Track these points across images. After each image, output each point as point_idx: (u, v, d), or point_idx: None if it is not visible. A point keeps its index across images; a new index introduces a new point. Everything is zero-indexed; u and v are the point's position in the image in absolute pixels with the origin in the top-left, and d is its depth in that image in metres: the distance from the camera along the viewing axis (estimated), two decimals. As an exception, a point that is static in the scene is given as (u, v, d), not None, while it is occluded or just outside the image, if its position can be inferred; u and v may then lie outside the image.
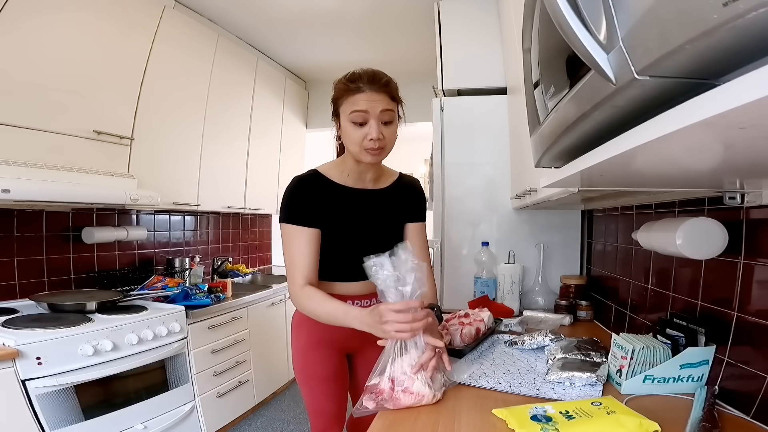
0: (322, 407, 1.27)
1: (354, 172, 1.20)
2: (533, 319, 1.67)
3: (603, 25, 0.42)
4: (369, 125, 1.09)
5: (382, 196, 1.24)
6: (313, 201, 1.15)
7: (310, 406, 1.30)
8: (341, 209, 1.18)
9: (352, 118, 1.09)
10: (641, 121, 0.42)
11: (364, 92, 1.08)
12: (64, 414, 1.46)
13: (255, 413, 2.59)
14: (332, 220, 1.16)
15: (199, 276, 2.72)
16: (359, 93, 1.08)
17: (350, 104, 1.09)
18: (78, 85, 1.85)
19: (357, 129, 1.10)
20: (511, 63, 1.73)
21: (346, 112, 1.10)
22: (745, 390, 0.87)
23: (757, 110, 0.29)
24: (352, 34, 3.07)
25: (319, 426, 1.28)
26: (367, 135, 1.09)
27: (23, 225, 1.91)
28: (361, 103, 1.08)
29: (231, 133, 2.89)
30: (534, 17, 0.73)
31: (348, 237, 1.19)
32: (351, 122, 1.10)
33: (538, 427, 0.78)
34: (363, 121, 1.09)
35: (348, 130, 1.11)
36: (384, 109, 1.09)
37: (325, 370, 1.25)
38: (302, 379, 1.28)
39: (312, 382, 1.26)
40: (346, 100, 1.11)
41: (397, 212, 1.27)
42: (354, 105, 1.08)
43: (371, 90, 1.08)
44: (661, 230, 1.01)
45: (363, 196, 1.21)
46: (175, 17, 2.37)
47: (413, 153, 6.18)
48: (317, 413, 1.28)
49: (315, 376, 1.25)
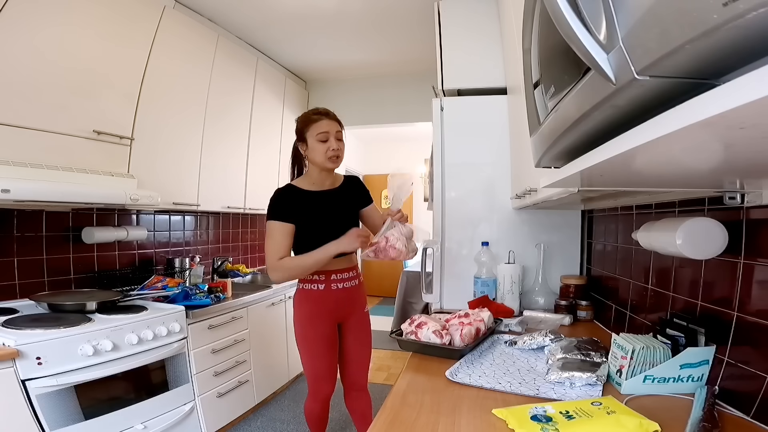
0: (317, 368, 1.68)
1: (317, 180, 1.68)
2: (533, 319, 1.67)
3: (603, 25, 0.42)
4: (330, 141, 1.60)
5: (339, 193, 1.72)
6: (289, 204, 1.60)
7: (307, 368, 1.71)
8: (312, 207, 1.63)
9: (319, 137, 1.59)
10: (641, 121, 0.42)
11: (324, 120, 1.61)
12: (64, 414, 1.46)
13: (255, 413, 2.59)
14: (307, 215, 1.61)
15: (199, 276, 2.72)
16: (321, 120, 1.60)
17: (316, 128, 1.60)
18: (78, 85, 1.85)
19: (322, 144, 1.60)
20: (511, 63, 1.73)
21: (314, 134, 1.60)
22: (745, 390, 0.87)
23: (757, 110, 0.29)
24: (352, 34, 3.07)
25: (312, 382, 1.71)
26: (329, 147, 1.60)
27: (23, 225, 1.91)
28: (324, 126, 1.60)
29: (231, 133, 2.89)
30: (534, 17, 0.73)
31: (320, 225, 1.62)
32: (318, 140, 1.59)
33: (538, 427, 0.78)
34: (325, 139, 1.60)
35: (315, 146, 1.60)
36: (338, 131, 1.63)
37: (321, 336, 1.65)
38: (302, 345, 1.68)
39: (311, 347, 1.66)
40: (312, 126, 1.61)
41: (351, 201, 1.75)
42: (319, 128, 1.60)
43: (328, 119, 1.62)
44: (661, 230, 1.01)
45: (325, 196, 1.68)
46: (175, 17, 2.37)
47: (413, 153, 6.20)
48: (313, 373, 1.69)
49: (313, 341, 1.66)
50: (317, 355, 1.67)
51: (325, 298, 1.65)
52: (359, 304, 1.78)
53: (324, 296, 1.65)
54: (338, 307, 1.68)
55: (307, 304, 1.66)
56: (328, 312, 1.66)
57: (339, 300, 1.67)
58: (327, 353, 1.67)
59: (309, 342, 1.66)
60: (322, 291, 1.65)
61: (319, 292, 1.65)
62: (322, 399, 1.73)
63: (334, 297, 1.66)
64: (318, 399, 1.73)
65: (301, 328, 1.67)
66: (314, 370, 1.69)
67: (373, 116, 3.84)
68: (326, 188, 1.69)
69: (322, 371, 1.68)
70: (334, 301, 1.66)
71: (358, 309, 1.77)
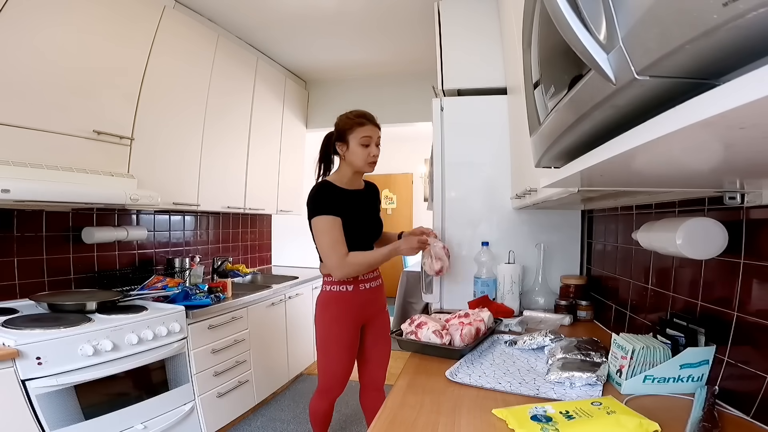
0: (333, 369, 1.68)
1: (349, 181, 1.71)
2: (533, 319, 1.67)
3: (603, 25, 0.42)
4: (371, 147, 1.66)
5: (365, 193, 1.80)
6: (332, 199, 1.62)
7: (322, 367, 1.70)
8: (349, 204, 1.66)
9: (362, 141, 1.63)
10: (641, 121, 0.42)
11: (368, 125, 1.65)
12: (64, 414, 1.46)
13: (255, 413, 2.59)
14: (346, 212, 1.63)
15: (199, 276, 2.72)
16: (366, 125, 1.64)
17: (360, 132, 1.64)
18: (78, 85, 1.85)
19: (363, 149, 1.64)
20: (511, 63, 1.73)
21: (357, 137, 1.63)
22: (745, 390, 0.87)
23: (757, 110, 0.29)
24: (352, 34, 3.07)
25: (325, 383, 1.70)
26: (370, 153, 1.65)
27: (23, 225, 1.91)
28: (368, 131, 1.64)
29: (231, 132, 2.89)
30: (534, 17, 0.73)
31: (356, 222, 1.66)
32: (360, 144, 1.64)
33: (538, 427, 0.78)
34: (368, 143, 1.64)
35: (356, 149, 1.65)
36: (378, 137, 1.69)
37: (344, 340, 1.66)
38: (322, 347, 1.68)
39: (332, 349, 1.67)
40: (356, 129, 1.64)
41: (373, 201, 1.84)
42: (363, 132, 1.64)
43: (372, 125, 1.67)
44: (661, 230, 1.01)
45: (358, 195, 1.75)
46: (175, 17, 2.37)
47: (413, 153, 6.19)
48: (327, 373, 1.69)
49: (335, 344, 1.66)
50: (337, 359, 1.67)
51: (353, 299, 1.66)
52: (381, 304, 1.81)
53: (352, 298, 1.66)
54: (364, 308, 1.70)
55: (335, 306, 1.66)
56: (354, 314, 1.67)
57: (365, 301, 1.70)
58: (346, 357, 1.68)
59: (331, 345, 1.67)
60: (350, 292, 1.66)
61: (348, 294, 1.66)
62: (331, 399, 1.75)
63: (361, 298, 1.68)
64: (327, 399, 1.74)
65: (326, 330, 1.67)
66: (330, 372, 1.69)
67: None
68: (355, 188, 1.74)
69: (338, 374, 1.69)
70: (361, 302, 1.68)
71: (381, 309, 1.81)
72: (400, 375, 1.15)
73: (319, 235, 1.59)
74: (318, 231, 1.59)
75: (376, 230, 1.78)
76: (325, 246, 1.59)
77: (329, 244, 1.57)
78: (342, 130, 1.67)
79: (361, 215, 1.69)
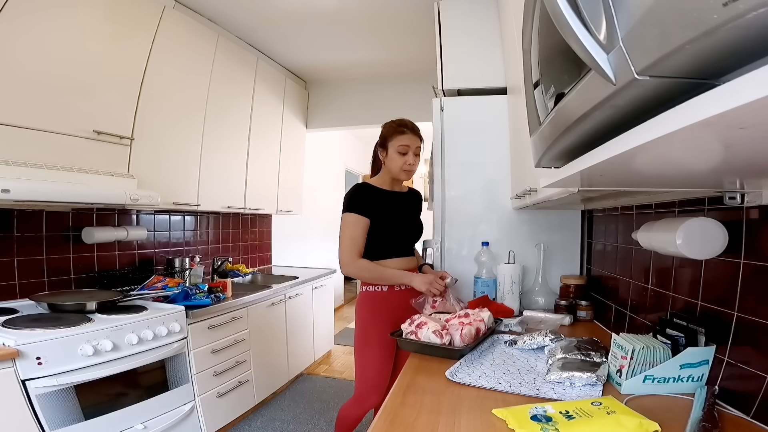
0: (368, 373, 1.67)
1: (389, 184, 1.78)
2: (533, 319, 1.67)
3: (603, 25, 0.42)
4: (408, 155, 1.70)
5: (406, 197, 1.85)
6: (367, 199, 1.68)
7: (359, 374, 1.70)
8: (387, 204, 1.72)
9: (400, 149, 1.69)
10: (641, 121, 0.42)
11: (408, 134, 1.70)
12: (64, 414, 1.46)
13: (255, 413, 2.59)
14: (382, 212, 1.68)
15: (199, 276, 2.72)
16: (406, 134, 1.70)
17: (399, 140, 1.69)
18: (78, 85, 1.85)
19: (401, 157, 1.70)
20: (511, 63, 1.73)
21: (396, 145, 1.69)
22: (745, 390, 0.87)
23: (757, 110, 0.29)
24: (352, 34, 3.07)
25: (361, 390, 1.68)
26: (406, 161, 1.70)
27: (23, 225, 1.91)
28: (406, 140, 1.70)
29: (231, 133, 2.89)
30: (534, 17, 0.73)
31: (393, 223, 1.72)
32: (398, 152, 1.70)
33: (538, 427, 0.78)
34: (405, 152, 1.70)
35: (394, 156, 1.71)
36: (417, 146, 1.73)
37: (380, 339, 1.63)
38: (359, 348, 1.70)
39: (366, 350, 1.67)
40: (396, 137, 1.70)
41: (414, 206, 1.89)
42: (402, 141, 1.69)
43: (413, 134, 1.72)
44: (661, 230, 1.01)
45: (398, 197, 1.80)
46: (175, 17, 2.37)
47: (413, 153, 6.21)
48: (362, 378, 1.68)
49: (369, 344, 1.66)
50: (372, 361, 1.66)
51: (387, 299, 1.68)
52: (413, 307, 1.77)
53: (386, 298, 1.68)
54: (399, 309, 1.67)
55: (370, 306, 1.69)
56: (388, 314, 1.66)
57: (399, 302, 1.69)
58: (381, 359, 1.66)
59: (366, 345, 1.67)
60: (385, 293, 1.69)
61: (382, 294, 1.69)
62: (365, 408, 1.70)
63: (395, 299, 1.69)
64: (361, 407, 1.70)
65: (363, 329, 1.69)
66: (365, 376, 1.67)
67: (373, 116, 3.83)
68: (395, 190, 1.80)
69: (374, 379, 1.66)
70: (396, 303, 1.68)
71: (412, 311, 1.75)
72: (400, 375, 1.15)
73: (342, 229, 1.65)
74: (342, 225, 1.66)
75: (412, 233, 1.81)
76: (342, 240, 1.65)
77: (346, 239, 1.64)
78: (384, 136, 1.74)
79: (397, 217, 1.74)
